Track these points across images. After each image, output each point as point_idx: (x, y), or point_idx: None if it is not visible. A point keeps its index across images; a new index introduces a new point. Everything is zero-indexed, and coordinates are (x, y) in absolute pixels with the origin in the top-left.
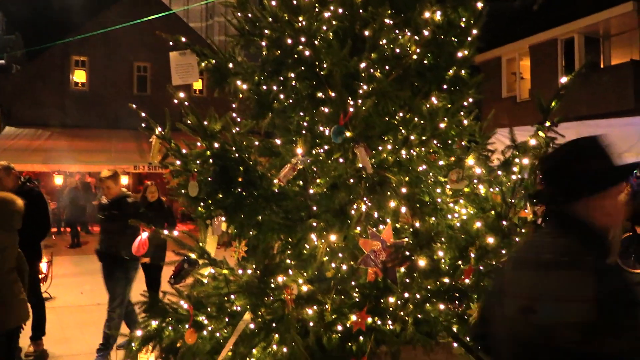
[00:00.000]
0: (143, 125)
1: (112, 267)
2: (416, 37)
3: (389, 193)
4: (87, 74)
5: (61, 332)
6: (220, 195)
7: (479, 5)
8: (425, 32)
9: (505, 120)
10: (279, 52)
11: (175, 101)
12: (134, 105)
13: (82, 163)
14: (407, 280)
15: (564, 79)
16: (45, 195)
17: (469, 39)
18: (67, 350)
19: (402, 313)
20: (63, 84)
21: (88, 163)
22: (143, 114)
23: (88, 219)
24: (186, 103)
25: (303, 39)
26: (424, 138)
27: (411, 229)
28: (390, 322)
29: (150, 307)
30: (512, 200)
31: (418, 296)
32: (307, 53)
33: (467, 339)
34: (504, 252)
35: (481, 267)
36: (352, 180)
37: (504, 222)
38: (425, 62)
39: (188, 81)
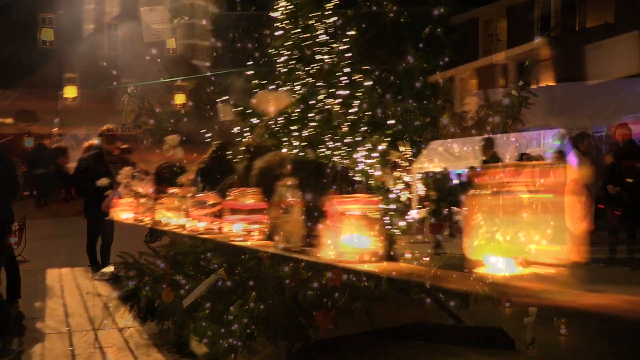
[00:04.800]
0: (115, 84)
1: None
2: None
3: (364, 152)
4: (55, 32)
5: (37, 294)
6: (195, 155)
7: None
8: None
9: (482, 81)
10: (253, 8)
11: (147, 58)
12: (105, 63)
13: (53, 124)
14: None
15: (537, 39)
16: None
17: None
18: (43, 312)
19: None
20: (30, 42)
21: (59, 125)
22: (114, 72)
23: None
24: (158, 60)
25: None
26: (399, 97)
27: (385, 188)
28: (364, 278)
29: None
30: (484, 158)
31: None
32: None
33: (440, 294)
34: None
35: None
36: (327, 138)
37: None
38: (402, 20)
39: (160, 38)
